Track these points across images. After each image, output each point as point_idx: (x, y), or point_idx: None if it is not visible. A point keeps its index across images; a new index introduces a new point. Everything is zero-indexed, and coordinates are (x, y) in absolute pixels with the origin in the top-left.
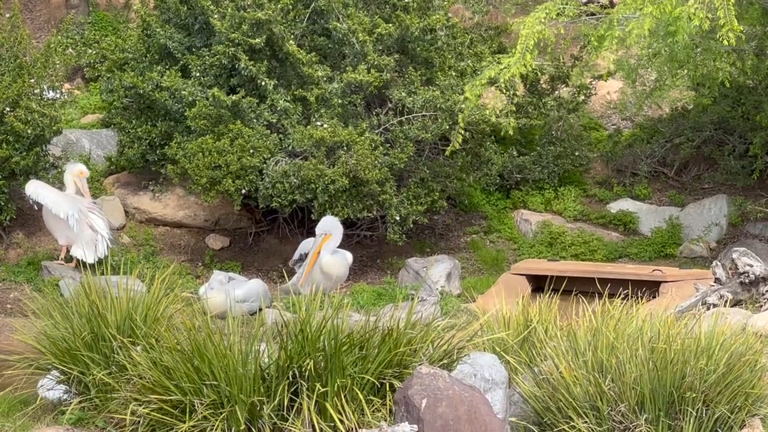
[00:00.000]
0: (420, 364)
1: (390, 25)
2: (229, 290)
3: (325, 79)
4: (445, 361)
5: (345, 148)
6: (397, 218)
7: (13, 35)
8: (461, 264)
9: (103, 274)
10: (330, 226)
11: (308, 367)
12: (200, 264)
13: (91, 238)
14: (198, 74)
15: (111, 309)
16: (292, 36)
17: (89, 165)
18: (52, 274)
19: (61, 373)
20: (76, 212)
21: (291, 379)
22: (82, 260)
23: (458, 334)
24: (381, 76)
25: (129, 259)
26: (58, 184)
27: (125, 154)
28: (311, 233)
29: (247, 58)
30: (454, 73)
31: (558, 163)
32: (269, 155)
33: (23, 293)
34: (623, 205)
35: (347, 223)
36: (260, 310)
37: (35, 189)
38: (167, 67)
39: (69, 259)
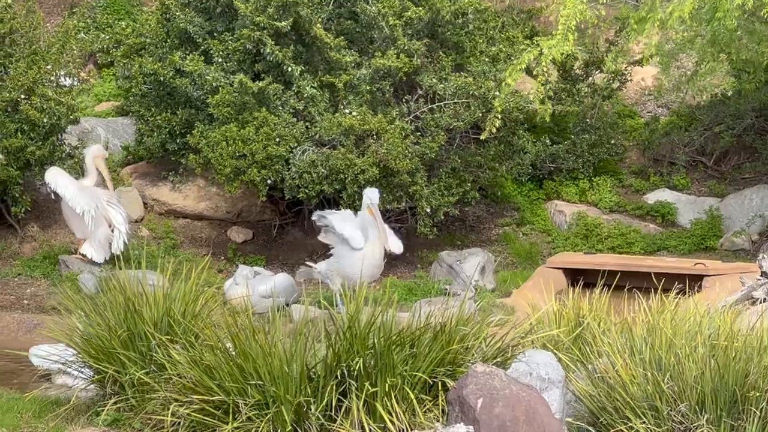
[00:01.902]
0: (474, 363)
1: (420, 8)
2: (254, 285)
3: (353, 64)
4: (498, 359)
5: (375, 136)
6: (428, 210)
7: (29, 20)
8: (493, 257)
9: (121, 269)
10: (377, 199)
11: (357, 366)
12: (223, 258)
13: (106, 236)
14: (220, 60)
15: (147, 305)
16: (319, 19)
17: (110, 154)
18: (70, 269)
19: (96, 372)
20: (93, 209)
21: (339, 378)
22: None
23: (512, 330)
24: (411, 61)
25: (149, 253)
26: (75, 174)
27: (144, 143)
28: None
29: (272, 42)
30: (486, 59)
31: (593, 152)
32: (296, 144)
33: (41, 288)
34: (661, 195)
35: None
36: (287, 305)
37: (55, 177)
38: (187, 52)
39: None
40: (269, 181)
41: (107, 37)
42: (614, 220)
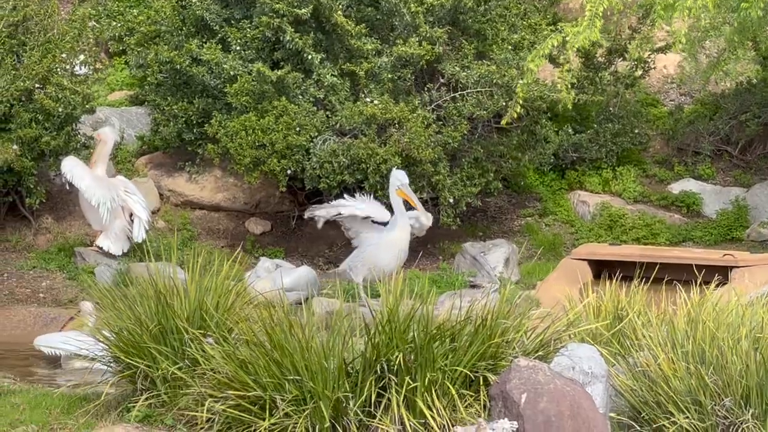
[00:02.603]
0: (516, 356)
1: None
2: (276, 278)
3: (373, 52)
4: (540, 353)
5: (397, 125)
6: (451, 200)
7: (43, 7)
8: (517, 249)
9: (141, 261)
10: (407, 179)
11: (397, 361)
12: (241, 250)
13: (122, 228)
14: (238, 48)
15: (178, 298)
16: (339, 7)
17: (121, 145)
18: (86, 261)
19: (126, 368)
20: (109, 200)
21: (378, 373)
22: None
23: (553, 324)
24: (433, 49)
25: (166, 245)
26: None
27: (160, 132)
28: None
29: (292, 30)
30: (509, 47)
31: (616, 141)
32: (316, 133)
33: (56, 281)
34: (685, 185)
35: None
36: (308, 298)
37: (71, 168)
38: (204, 40)
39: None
40: (289, 171)
41: (119, 24)
42: (639, 211)
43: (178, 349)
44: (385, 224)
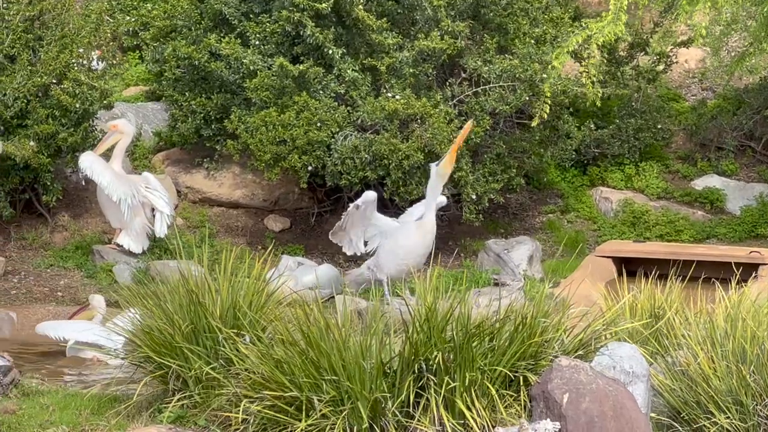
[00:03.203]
0: (556, 356)
1: None
2: (298, 276)
3: (395, 47)
4: (580, 352)
5: (419, 121)
6: (473, 197)
7: (60, 1)
8: (539, 246)
9: (159, 258)
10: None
11: (436, 360)
12: (260, 247)
13: (143, 225)
14: (257, 42)
15: (211, 297)
16: (360, 0)
17: (138, 141)
18: (105, 259)
19: (157, 368)
20: (129, 197)
21: (417, 373)
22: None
23: (593, 322)
24: (456, 43)
25: (185, 242)
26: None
27: (178, 128)
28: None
29: (313, 24)
30: (531, 41)
31: (639, 137)
32: (337, 129)
33: (74, 279)
34: (709, 181)
35: (413, 203)
36: (331, 296)
37: (91, 164)
38: (222, 35)
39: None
40: (310, 168)
41: (132, 19)
42: (662, 207)
43: (210, 348)
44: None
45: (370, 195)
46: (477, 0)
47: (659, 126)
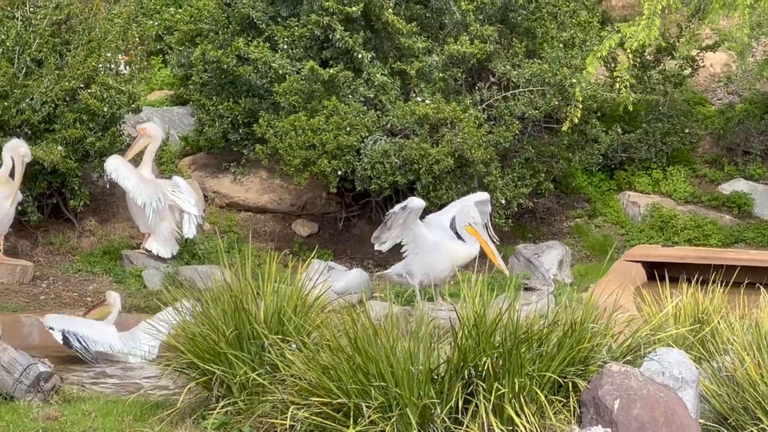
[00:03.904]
0: (606, 362)
1: None
2: (330, 281)
3: (424, 51)
4: (628, 358)
5: (449, 125)
6: (503, 201)
7: (88, 6)
8: (569, 250)
9: (188, 263)
10: (479, 217)
11: (485, 366)
12: (288, 252)
13: (170, 230)
14: (285, 46)
15: (254, 303)
16: (391, 4)
17: (165, 145)
18: (134, 264)
19: (201, 374)
20: (155, 201)
21: (466, 378)
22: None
23: (641, 328)
24: (485, 47)
25: (213, 247)
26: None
27: (205, 133)
28: None
29: (342, 28)
30: (561, 45)
31: (666, 141)
32: (367, 133)
33: (103, 285)
34: (736, 185)
35: (441, 207)
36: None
37: (116, 167)
38: (249, 38)
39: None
40: (340, 172)
41: (155, 23)
42: (689, 212)
43: (255, 354)
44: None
45: (418, 203)
46: (505, 4)
47: (686, 130)
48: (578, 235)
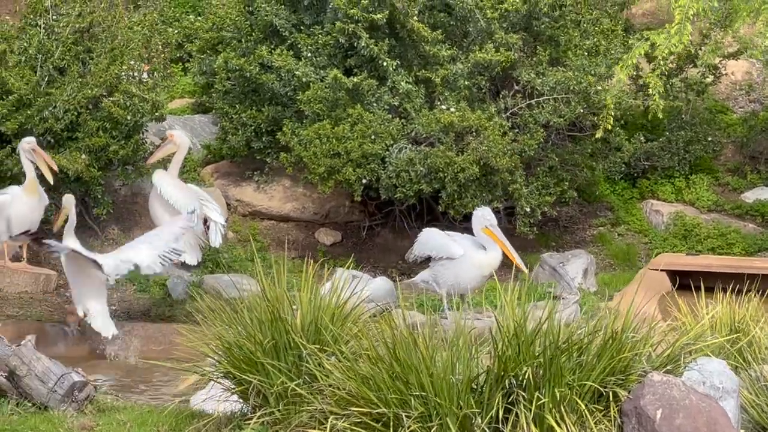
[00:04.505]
0: (647, 371)
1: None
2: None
3: (449, 59)
4: (668, 367)
5: (474, 133)
6: (527, 209)
7: (111, 14)
8: (593, 259)
9: (212, 272)
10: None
11: (526, 376)
12: (312, 261)
13: (195, 238)
14: (309, 54)
15: (291, 312)
16: (416, 12)
17: (189, 153)
18: (157, 273)
19: (237, 383)
20: (198, 207)
21: (507, 388)
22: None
23: (681, 337)
24: (510, 55)
25: (236, 256)
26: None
27: (228, 141)
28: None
29: (367, 36)
30: (585, 53)
31: (689, 149)
32: (392, 142)
33: (127, 293)
34: (759, 194)
35: (466, 216)
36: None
37: (161, 180)
38: (272, 46)
39: None
40: (364, 181)
41: (175, 31)
42: (713, 220)
43: (292, 364)
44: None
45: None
46: (530, 12)
47: (709, 138)
48: (601, 243)
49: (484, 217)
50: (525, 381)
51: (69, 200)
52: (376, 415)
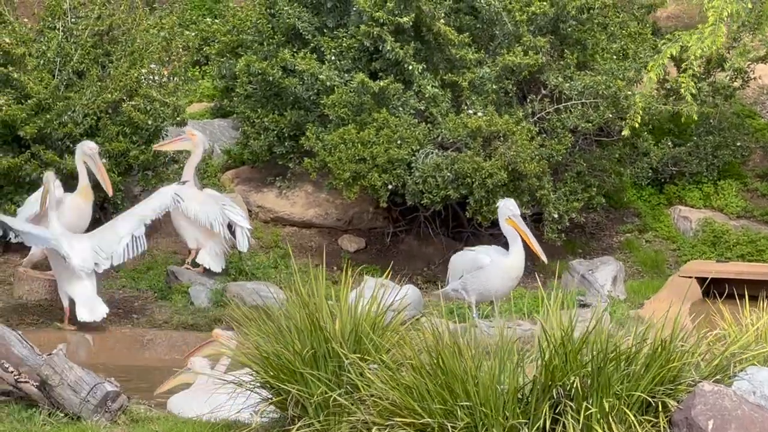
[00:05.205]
0: (696, 381)
1: (544, 2)
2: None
3: (475, 62)
4: (717, 377)
5: (502, 138)
6: (555, 216)
7: (131, 16)
8: (623, 266)
9: (235, 280)
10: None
11: (574, 385)
12: (336, 268)
13: (219, 245)
14: (333, 57)
15: (330, 321)
16: (442, 14)
17: (210, 158)
18: (180, 280)
19: (275, 394)
20: (220, 216)
21: (555, 398)
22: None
23: (731, 346)
24: (539, 59)
25: (260, 263)
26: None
27: (250, 146)
28: (456, 234)
29: (392, 39)
30: (614, 57)
31: (717, 155)
32: (418, 147)
33: (148, 301)
34: None
35: (494, 223)
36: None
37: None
38: (294, 50)
39: (195, 264)
40: (390, 186)
41: (192, 34)
42: (742, 227)
43: (332, 373)
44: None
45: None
46: (557, 15)
47: (738, 143)
48: (629, 250)
49: (507, 207)
50: (573, 391)
51: (49, 177)
52: (420, 425)
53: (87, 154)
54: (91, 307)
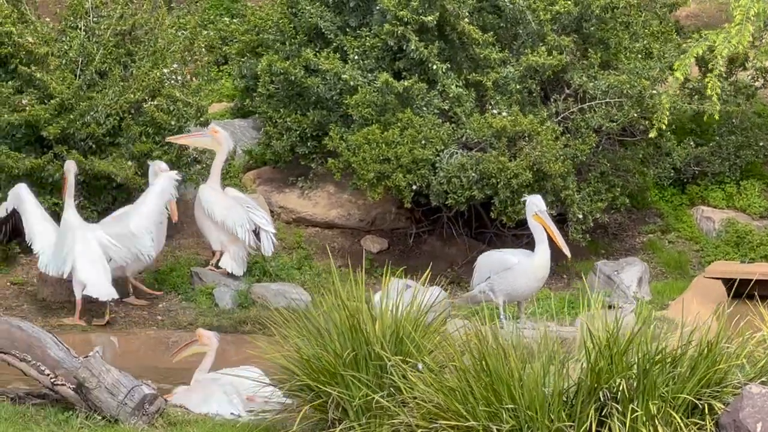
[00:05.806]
0: (743, 383)
1: (569, 1)
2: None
3: (499, 62)
4: (763, 379)
5: (526, 138)
6: (580, 216)
7: (154, 16)
8: (648, 267)
9: (259, 281)
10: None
11: (620, 388)
12: (359, 269)
13: (243, 248)
14: (356, 57)
15: (371, 323)
16: (466, 14)
17: (232, 159)
18: (204, 282)
19: (315, 396)
20: (246, 221)
21: (601, 400)
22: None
23: None
24: (563, 58)
25: (283, 264)
26: (202, 180)
27: (272, 146)
28: (478, 234)
29: (417, 38)
30: (639, 56)
31: (739, 155)
32: (442, 147)
33: (173, 303)
34: None
35: (518, 223)
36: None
37: (207, 196)
38: (317, 49)
39: (218, 266)
40: (414, 187)
41: (210, 33)
42: (765, 227)
43: (373, 376)
44: None
45: None
46: (581, 14)
47: (761, 143)
48: (652, 251)
49: (534, 203)
50: (619, 393)
51: (69, 166)
52: (465, 428)
53: (155, 172)
54: (100, 287)
